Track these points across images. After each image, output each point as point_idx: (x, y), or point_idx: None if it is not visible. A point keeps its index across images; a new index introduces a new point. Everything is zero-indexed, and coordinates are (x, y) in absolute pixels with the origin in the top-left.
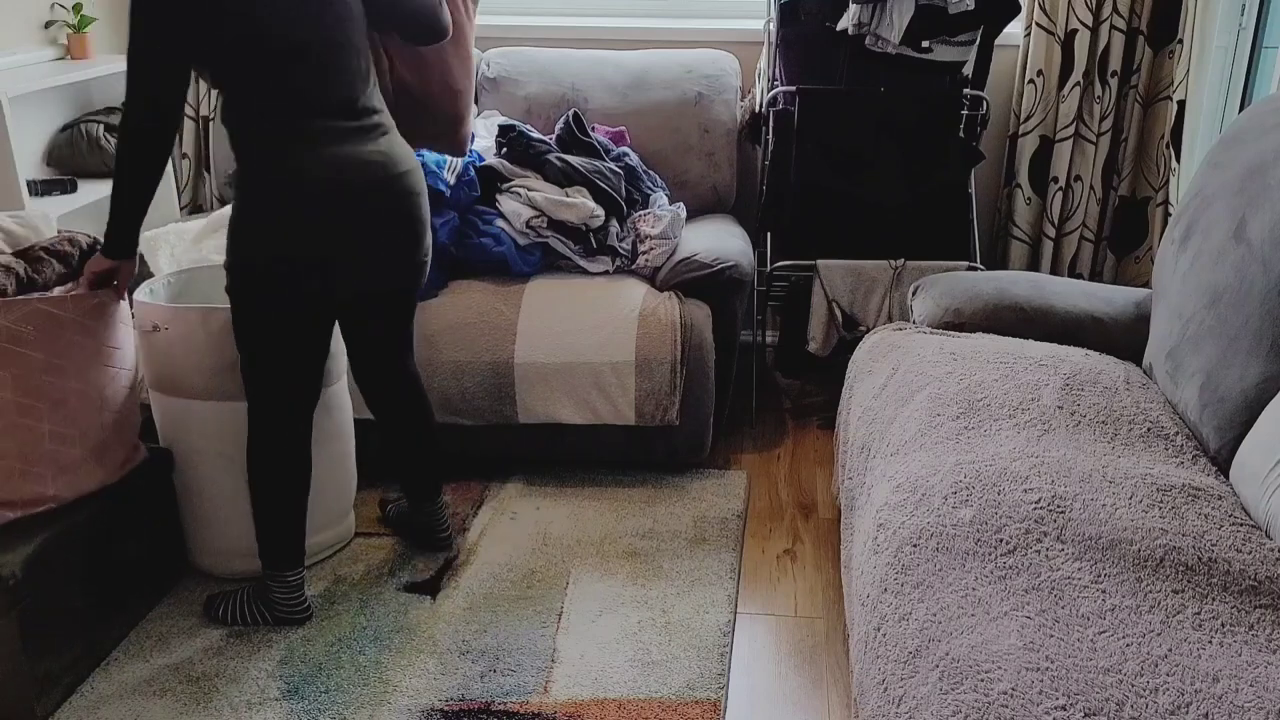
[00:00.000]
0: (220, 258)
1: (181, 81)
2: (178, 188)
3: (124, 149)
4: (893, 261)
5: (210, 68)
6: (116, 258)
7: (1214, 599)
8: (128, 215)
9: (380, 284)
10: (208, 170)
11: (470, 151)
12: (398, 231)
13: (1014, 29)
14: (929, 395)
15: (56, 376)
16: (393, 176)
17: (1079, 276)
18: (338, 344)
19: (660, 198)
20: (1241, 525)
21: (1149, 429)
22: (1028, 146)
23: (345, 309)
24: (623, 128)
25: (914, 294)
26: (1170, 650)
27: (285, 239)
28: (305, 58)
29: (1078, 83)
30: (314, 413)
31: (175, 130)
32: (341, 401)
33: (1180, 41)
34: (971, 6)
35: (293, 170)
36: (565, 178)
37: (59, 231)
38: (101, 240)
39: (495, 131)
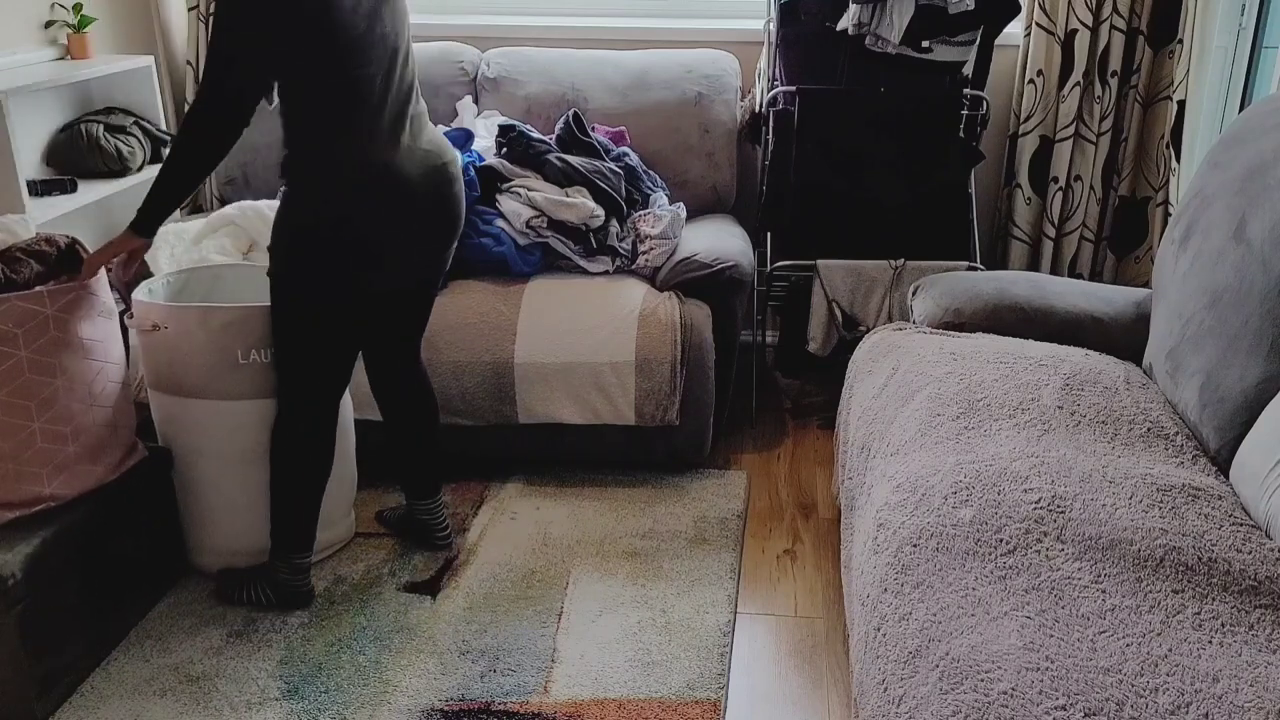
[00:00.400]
0: (221, 258)
1: (263, 84)
2: None
3: (191, 139)
4: (893, 261)
5: (286, 67)
6: (147, 235)
7: (1214, 599)
8: (171, 201)
9: (419, 276)
10: None
11: (470, 151)
12: (441, 222)
13: (1014, 29)
14: (929, 395)
15: (43, 374)
16: (443, 165)
17: (1079, 276)
18: None
19: (660, 198)
20: (1241, 525)
21: (1149, 429)
22: (1028, 146)
23: (381, 301)
24: (623, 128)
25: (914, 294)
26: (1170, 650)
27: (344, 228)
28: (377, 51)
29: (1078, 83)
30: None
31: (244, 129)
32: (342, 401)
33: (1180, 41)
34: (971, 6)
35: (358, 163)
36: (565, 178)
37: (36, 233)
38: (78, 240)
39: (495, 131)
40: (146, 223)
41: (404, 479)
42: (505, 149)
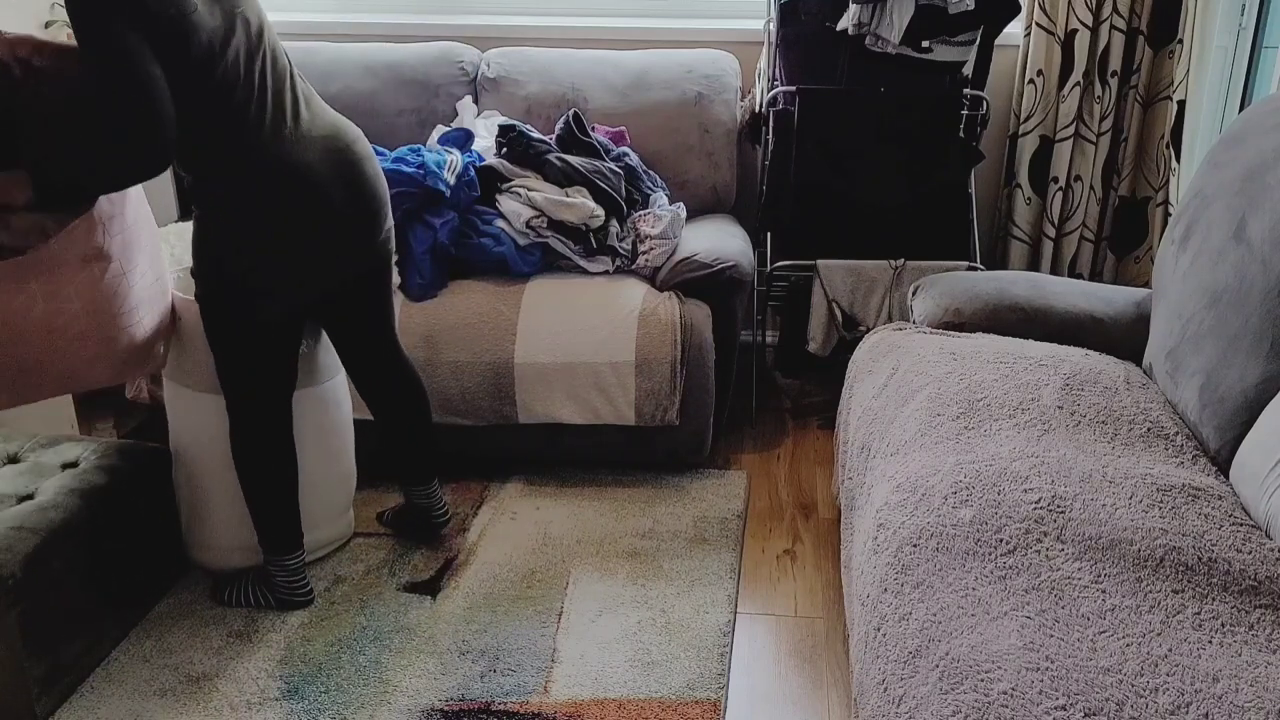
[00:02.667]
0: None
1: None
2: (177, 189)
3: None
4: (893, 261)
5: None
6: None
7: (1214, 599)
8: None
9: (353, 272)
10: None
11: (470, 151)
12: (359, 211)
13: (1014, 29)
14: (929, 395)
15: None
16: (345, 147)
17: (1079, 276)
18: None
19: (660, 198)
20: (1241, 525)
21: (1149, 429)
22: (1028, 146)
23: (317, 305)
24: (623, 128)
25: (914, 294)
26: (1170, 650)
27: (257, 239)
28: (234, 50)
29: (1078, 83)
30: (293, 399)
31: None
32: (340, 398)
33: (1180, 41)
34: (971, 6)
35: (253, 168)
36: (565, 178)
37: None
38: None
39: (495, 131)
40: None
41: (399, 468)
42: (505, 149)
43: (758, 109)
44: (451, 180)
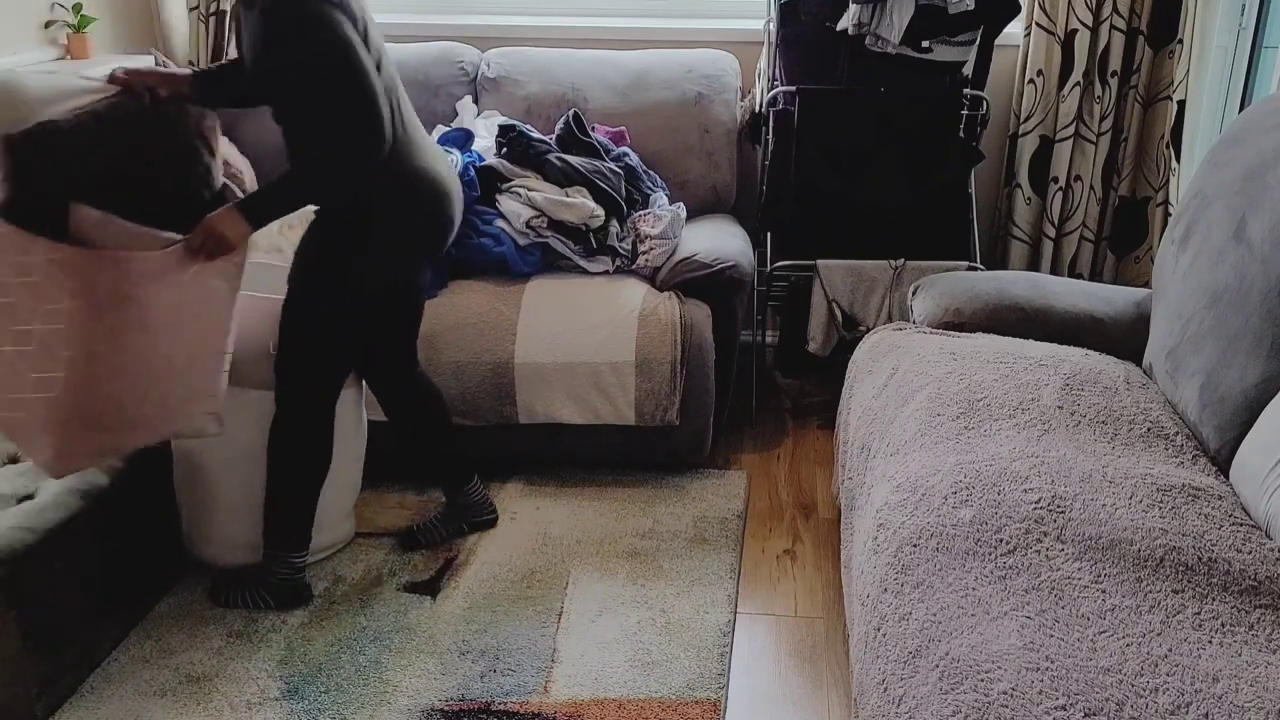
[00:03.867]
0: (264, 258)
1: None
2: None
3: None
4: (893, 261)
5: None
6: (255, 226)
7: (1214, 599)
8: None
9: (416, 274)
10: None
11: (470, 151)
12: (457, 221)
13: (1014, 29)
14: (929, 395)
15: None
16: (448, 163)
17: (1079, 276)
18: None
19: (660, 198)
20: (1241, 525)
21: (1149, 429)
22: (1028, 146)
23: (391, 299)
24: (623, 128)
25: (914, 294)
26: (1170, 650)
27: (395, 238)
28: (384, 58)
29: (1078, 83)
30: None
31: None
32: (352, 404)
33: (1180, 41)
34: (971, 6)
35: (409, 172)
36: (565, 178)
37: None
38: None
39: (495, 131)
40: (258, 216)
41: (440, 475)
42: (505, 149)
43: (758, 109)
44: None
